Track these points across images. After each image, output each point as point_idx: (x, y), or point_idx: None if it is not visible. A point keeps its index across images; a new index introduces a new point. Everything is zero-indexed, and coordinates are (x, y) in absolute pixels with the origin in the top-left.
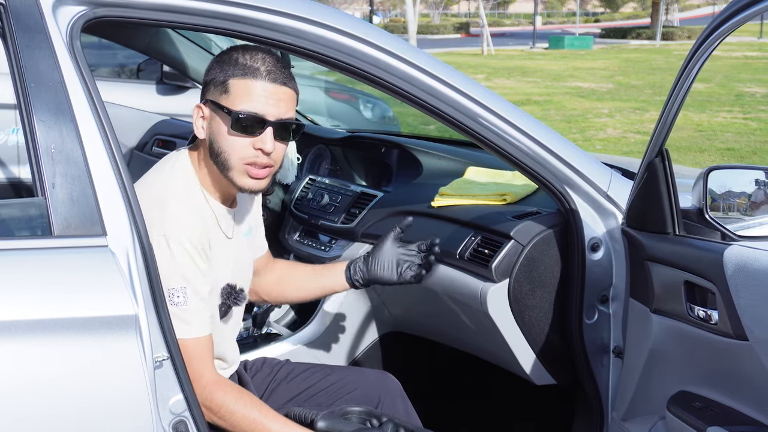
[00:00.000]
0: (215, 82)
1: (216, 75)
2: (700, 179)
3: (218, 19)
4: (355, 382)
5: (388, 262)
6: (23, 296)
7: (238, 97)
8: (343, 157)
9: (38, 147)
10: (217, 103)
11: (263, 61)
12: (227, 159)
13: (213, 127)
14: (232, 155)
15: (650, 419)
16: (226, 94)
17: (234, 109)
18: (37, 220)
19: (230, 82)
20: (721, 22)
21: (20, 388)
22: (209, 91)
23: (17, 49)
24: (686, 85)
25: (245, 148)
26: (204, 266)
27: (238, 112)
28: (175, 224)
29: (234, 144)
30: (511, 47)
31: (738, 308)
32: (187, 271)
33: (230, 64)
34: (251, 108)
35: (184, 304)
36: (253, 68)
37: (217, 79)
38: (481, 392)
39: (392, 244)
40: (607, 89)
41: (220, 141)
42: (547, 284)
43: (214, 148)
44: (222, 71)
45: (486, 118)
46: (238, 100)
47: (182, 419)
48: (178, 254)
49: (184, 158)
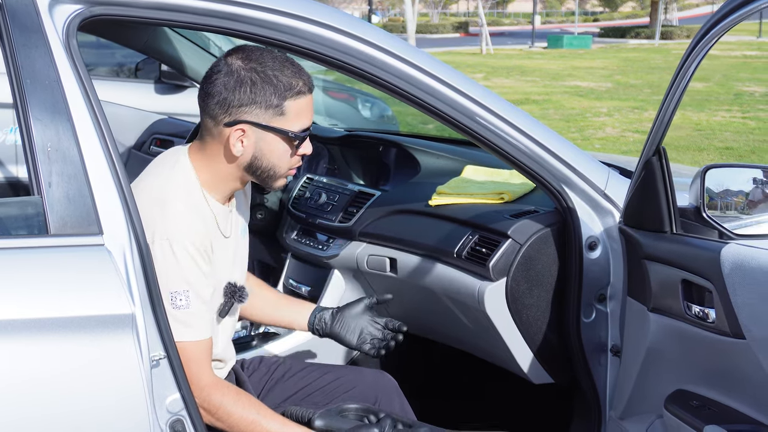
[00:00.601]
0: (264, 104)
1: (260, 98)
2: (698, 178)
3: (216, 17)
4: (352, 381)
5: (353, 327)
6: (19, 295)
7: (295, 118)
8: (340, 156)
9: (34, 145)
10: (269, 126)
11: (298, 73)
12: (277, 172)
13: (262, 147)
14: (282, 167)
15: (648, 418)
16: (282, 116)
17: (293, 130)
18: (34, 218)
19: (285, 104)
20: (717, 20)
21: (16, 388)
22: (253, 112)
23: (13, 48)
24: (683, 84)
25: (294, 158)
26: (206, 269)
27: (302, 134)
28: (178, 227)
29: (288, 159)
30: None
31: (735, 306)
32: (189, 275)
33: (271, 83)
34: (307, 124)
35: (186, 307)
36: (298, 86)
37: (266, 102)
38: (479, 391)
39: (363, 311)
40: (606, 88)
41: (272, 158)
42: (544, 283)
43: (260, 164)
44: (269, 93)
45: (484, 117)
46: (296, 120)
47: (179, 418)
48: (182, 257)
49: (184, 158)
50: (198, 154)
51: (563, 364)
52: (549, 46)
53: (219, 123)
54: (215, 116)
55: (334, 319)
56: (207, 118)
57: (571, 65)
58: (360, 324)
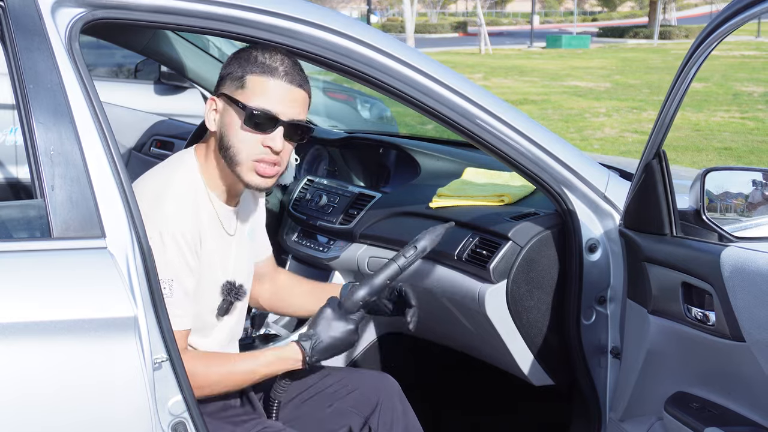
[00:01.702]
0: (232, 76)
1: (233, 70)
2: (698, 180)
3: (216, 20)
4: (354, 383)
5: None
6: (23, 298)
7: (253, 93)
8: (341, 158)
9: (37, 149)
10: (232, 97)
11: (282, 62)
12: (236, 154)
13: (225, 121)
14: (241, 150)
15: (648, 420)
16: (242, 89)
17: (248, 104)
18: (37, 221)
19: (247, 77)
20: (720, 22)
21: (20, 390)
22: (224, 84)
23: (16, 51)
24: (684, 86)
25: (255, 144)
26: (193, 263)
27: (252, 108)
28: (169, 218)
29: (244, 139)
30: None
31: (735, 309)
32: (176, 265)
33: (249, 60)
34: (266, 105)
35: (169, 296)
36: (272, 67)
37: (234, 73)
38: (479, 393)
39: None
40: (605, 88)
41: (231, 135)
42: (544, 285)
43: (224, 142)
44: (240, 67)
45: (483, 119)
46: (253, 96)
47: (181, 420)
48: (170, 248)
49: (190, 156)
50: (202, 152)
51: (563, 365)
52: (547, 46)
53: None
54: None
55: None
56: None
57: (569, 65)
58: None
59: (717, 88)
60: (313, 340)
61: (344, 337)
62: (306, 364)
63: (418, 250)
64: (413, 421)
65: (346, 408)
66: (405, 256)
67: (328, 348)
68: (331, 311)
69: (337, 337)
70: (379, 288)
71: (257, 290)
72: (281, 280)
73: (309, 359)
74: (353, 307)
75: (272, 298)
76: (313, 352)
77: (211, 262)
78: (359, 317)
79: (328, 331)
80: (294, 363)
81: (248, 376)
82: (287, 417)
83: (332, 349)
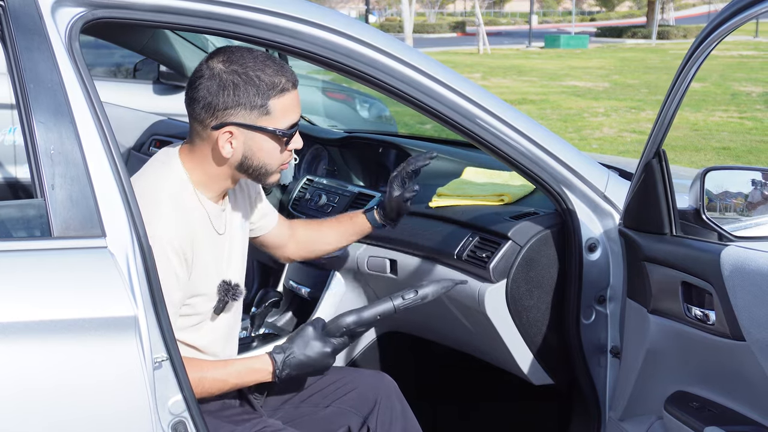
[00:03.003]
0: (248, 105)
1: (244, 99)
2: (697, 180)
3: (216, 20)
4: (352, 383)
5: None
6: (23, 298)
7: (282, 115)
8: (340, 158)
9: (37, 148)
10: (256, 126)
11: (280, 71)
12: (269, 169)
13: (251, 146)
14: (274, 164)
15: (647, 419)
16: (268, 115)
17: (281, 128)
18: (37, 221)
19: (270, 103)
20: (720, 22)
21: (20, 390)
22: (237, 114)
23: (16, 51)
24: (684, 86)
25: (285, 154)
26: (182, 274)
27: (289, 131)
28: (159, 227)
29: (279, 155)
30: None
31: (735, 309)
32: (162, 276)
33: (254, 84)
34: (294, 120)
35: None
36: (281, 83)
37: (250, 103)
38: (479, 392)
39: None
40: (603, 88)
41: (262, 156)
42: (544, 284)
43: (251, 164)
44: (251, 94)
45: (483, 118)
46: (283, 118)
47: (181, 420)
48: (158, 257)
49: (175, 158)
50: (189, 155)
51: (563, 365)
52: (546, 45)
53: (206, 127)
54: (202, 120)
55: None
56: (195, 123)
57: (568, 65)
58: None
59: (715, 88)
60: (286, 354)
61: (318, 358)
62: (276, 377)
63: (418, 296)
64: (412, 420)
65: (344, 408)
66: (403, 298)
67: (299, 365)
68: (313, 330)
69: (311, 356)
70: (368, 321)
71: (282, 253)
72: (300, 233)
73: (279, 372)
74: (336, 331)
75: (300, 251)
76: (283, 366)
77: (205, 263)
78: (340, 343)
79: (304, 349)
80: (265, 375)
81: (218, 383)
82: (286, 416)
83: (304, 367)
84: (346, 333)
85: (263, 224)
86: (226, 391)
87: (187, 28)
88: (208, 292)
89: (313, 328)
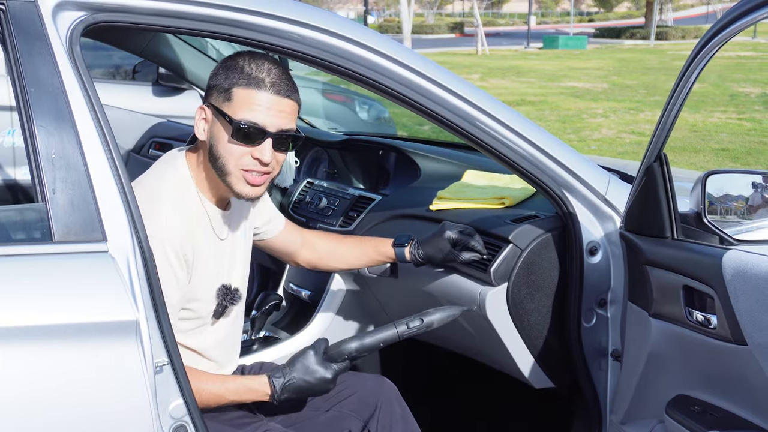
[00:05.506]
0: (219, 88)
1: (221, 81)
2: (699, 183)
3: (217, 24)
4: (353, 387)
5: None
6: (24, 302)
7: (240, 106)
8: (340, 160)
9: (38, 152)
10: (219, 109)
11: (269, 72)
12: (225, 164)
13: (214, 132)
14: (229, 161)
15: (649, 423)
16: (229, 101)
17: (235, 117)
18: (38, 225)
19: (234, 90)
20: (723, 26)
21: (21, 395)
22: (212, 95)
23: (17, 55)
24: (686, 89)
25: (244, 156)
26: (181, 275)
27: (239, 122)
28: (160, 228)
29: (233, 151)
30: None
31: (737, 313)
32: (161, 276)
33: (236, 71)
34: (252, 118)
35: None
36: (258, 79)
37: (221, 85)
38: (480, 396)
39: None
40: (602, 89)
41: (220, 147)
42: (545, 288)
43: (214, 152)
44: (227, 78)
45: (484, 121)
46: (240, 109)
47: (182, 424)
48: (158, 257)
49: (180, 159)
50: (194, 155)
51: (564, 368)
52: (544, 46)
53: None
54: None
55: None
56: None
57: (566, 66)
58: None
59: (714, 89)
60: (285, 378)
61: (318, 384)
62: (274, 400)
63: (423, 324)
64: (412, 424)
65: (345, 411)
66: (408, 326)
67: (298, 389)
68: (314, 355)
69: (311, 382)
70: (369, 348)
71: (292, 259)
72: (320, 245)
73: (277, 396)
74: (338, 357)
75: (313, 260)
76: (282, 390)
77: (205, 267)
78: (340, 368)
79: (304, 375)
80: (262, 396)
81: (214, 397)
82: (287, 420)
83: (303, 391)
84: (347, 359)
85: (268, 229)
86: (222, 405)
87: (187, 31)
88: (208, 296)
89: (315, 353)
